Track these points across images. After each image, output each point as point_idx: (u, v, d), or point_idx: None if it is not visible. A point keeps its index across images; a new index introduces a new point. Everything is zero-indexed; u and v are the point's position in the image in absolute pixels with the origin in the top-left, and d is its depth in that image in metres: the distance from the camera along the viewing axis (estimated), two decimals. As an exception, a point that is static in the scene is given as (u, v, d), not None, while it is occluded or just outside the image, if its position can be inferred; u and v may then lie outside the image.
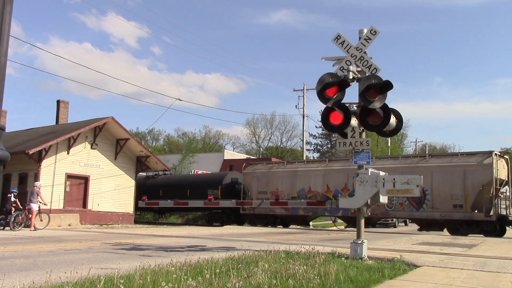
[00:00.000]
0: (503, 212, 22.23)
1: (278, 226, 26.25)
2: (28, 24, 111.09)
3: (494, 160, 21.20)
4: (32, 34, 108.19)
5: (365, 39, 8.83)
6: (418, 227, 24.46)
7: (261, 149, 74.25)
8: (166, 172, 31.97)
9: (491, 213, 20.63)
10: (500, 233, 21.30)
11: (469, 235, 20.97)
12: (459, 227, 21.75)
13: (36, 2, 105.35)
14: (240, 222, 27.67)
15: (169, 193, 29.02)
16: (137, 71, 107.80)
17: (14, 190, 18.94)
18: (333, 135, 57.24)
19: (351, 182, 23.56)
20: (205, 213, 30.92)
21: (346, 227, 27.37)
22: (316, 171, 25.89)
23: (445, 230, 22.86)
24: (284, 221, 27.18)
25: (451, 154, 25.65)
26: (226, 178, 29.45)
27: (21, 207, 18.04)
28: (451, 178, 21.76)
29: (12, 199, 18.21)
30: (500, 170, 22.11)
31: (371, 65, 8.72)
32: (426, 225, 23.41)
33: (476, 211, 21.14)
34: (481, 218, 21.03)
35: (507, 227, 21.82)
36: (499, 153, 22.52)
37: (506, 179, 22.83)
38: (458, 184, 21.61)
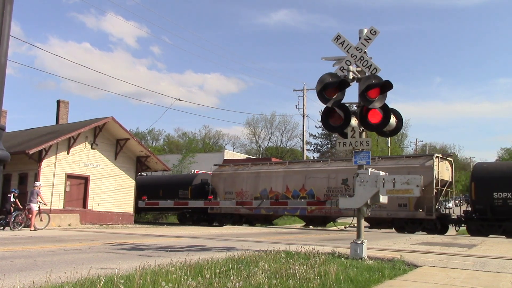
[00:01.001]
0: (446, 211, 23.65)
1: (244, 225, 27.45)
2: (27, 24, 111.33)
3: (435, 162, 22.70)
4: (31, 34, 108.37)
5: (365, 39, 8.83)
6: (369, 225, 26.16)
7: (261, 149, 74.24)
8: (143, 174, 32.86)
9: (432, 212, 22.11)
10: (441, 231, 22.69)
11: (416, 232, 22.46)
12: (404, 225, 23.25)
13: (35, 2, 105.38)
14: (210, 221, 29.08)
15: (142, 194, 29.70)
16: (136, 71, 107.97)
17: (14, 190, 18.93)
18: (333, 135, 57.26)
19: (309, 182, 26.01)
20: (177, 212, 32.17)
21: (304, 225, 28.61)
22: (277, 172, 27.12)
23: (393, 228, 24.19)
24: (249, 220, 28.34)
25: (398, 157, 27.06)
26: (196, 179, 30.77)
27: (21, 207, 18.04)
28: None
29: (12, 199, 18.21)
30: (443, 171, 23.54)
31: (371, 65, 8.71)
32: (376, 223, 24.83)
33: (420, 210, 22.54)
34: (422, 216, 22.53)
35: (449, 225, 23.43)
36: (442, 156, 24.09)
37: (450, 180, 24.33)
38: None
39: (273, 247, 9.09)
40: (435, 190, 22.40)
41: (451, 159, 25.26)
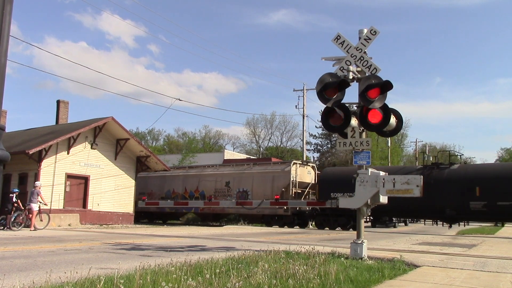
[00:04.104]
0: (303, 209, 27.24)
1: (155, 221, 32.71)
2: (23, 23, 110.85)
3: (293, 168, 27.55)
4: (28, 34, 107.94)
5: (365, 39, 8.83)
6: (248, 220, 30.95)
7: (261, 149, 74.21)
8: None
9: (288, 209, 26.30)
10: (301, 224, 27.26)
11: (285, 226, 26.86)
12: (271, 221, 27.90)
13: (30, 1, 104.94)
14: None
15: None
16: (135, 71, 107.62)
17: (16, 190, 18.93)
18: (333, 135, 57.28)
19: (201, 184, 30.38)
20: None
21: (201, 222, 33.01)
22: (178, 176, 31.85)
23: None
24: (159, 217, 33.30)
25: (267, 163, 30.77)
26: None
27: (22, 208, 18.04)
28: (264, 181, 28.24)
29: (14, 199, 18.20)
30: (304, 175, 28.53)
31: (371, 65, 8.71)
32: (250, 219, 29.94)
33: (285, 207, 26.31)
34: (282, 213, 27.06)
35: (309, 220, 27.84)
36: (301, 162, 29.20)
37: (312, 182, 28.83)
38: (269, 186, 27.95)
39: (273, 247, 9.09)
40: (293, 191, 26.98)
41: (314, 165, 30.86)
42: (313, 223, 27.63)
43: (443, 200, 22.23)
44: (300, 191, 27.66)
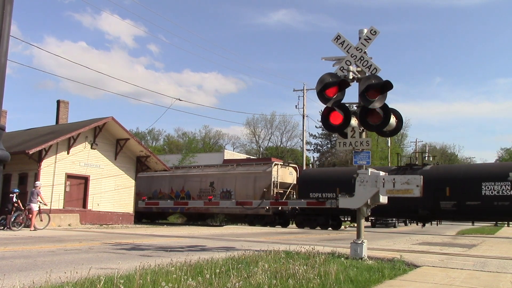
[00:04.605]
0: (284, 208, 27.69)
1: (142, 220, 33.24)
2: (22, 24, 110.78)
3: (274, 169, 28.06)
4: (28, 34, 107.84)
5: (365, 39, 8.83)
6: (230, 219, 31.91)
7: (261, 149, 74.20)
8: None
9: (269, 209, 26.80)
10: (283, 224, 27.97)
11: (267, 226, 27.04)
12: (253, 220, 28.26)
13: (29, 1, 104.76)
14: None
15: None
16: (134, 71, 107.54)
17: (16, 190, 18.93)
18: (333, 135, 57.28)
19: (187, 185, 31.05)
20: None
21: (186, 221, 33.83)
22: (164, 176, 32.58)
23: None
24: (147, 217, 34.18)
25: (249, 164, 31.45)
26: None
27: (22, 208, 18.03)
28: (247, 182, 28.84)
29: (14, 199, 18.20)
30: (285, 176, 29.02)
31: (371, 65, 8.71)
32: (235, 218, 30.90)
33: (267, 207, 26.83)
34: (263, 212, 27.54)
35: (290, 220, 28.59)
36: (283, 163, 29.73)
37: (294, 183, 29.14)
38: (251, 186, 28.59)
39: (273, 247, 9.09)
40: (275, 191, 27.47)
41: (295, 166, 31.41)
42: (294, 223, 28.24)
43: (416, 200, 22.55)
44: (282, 192, 28.11)
